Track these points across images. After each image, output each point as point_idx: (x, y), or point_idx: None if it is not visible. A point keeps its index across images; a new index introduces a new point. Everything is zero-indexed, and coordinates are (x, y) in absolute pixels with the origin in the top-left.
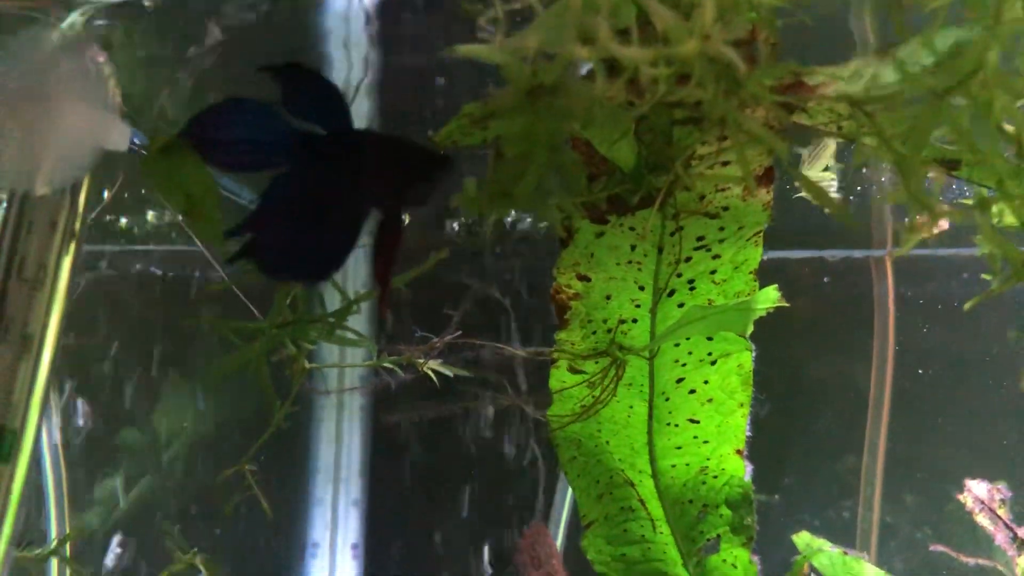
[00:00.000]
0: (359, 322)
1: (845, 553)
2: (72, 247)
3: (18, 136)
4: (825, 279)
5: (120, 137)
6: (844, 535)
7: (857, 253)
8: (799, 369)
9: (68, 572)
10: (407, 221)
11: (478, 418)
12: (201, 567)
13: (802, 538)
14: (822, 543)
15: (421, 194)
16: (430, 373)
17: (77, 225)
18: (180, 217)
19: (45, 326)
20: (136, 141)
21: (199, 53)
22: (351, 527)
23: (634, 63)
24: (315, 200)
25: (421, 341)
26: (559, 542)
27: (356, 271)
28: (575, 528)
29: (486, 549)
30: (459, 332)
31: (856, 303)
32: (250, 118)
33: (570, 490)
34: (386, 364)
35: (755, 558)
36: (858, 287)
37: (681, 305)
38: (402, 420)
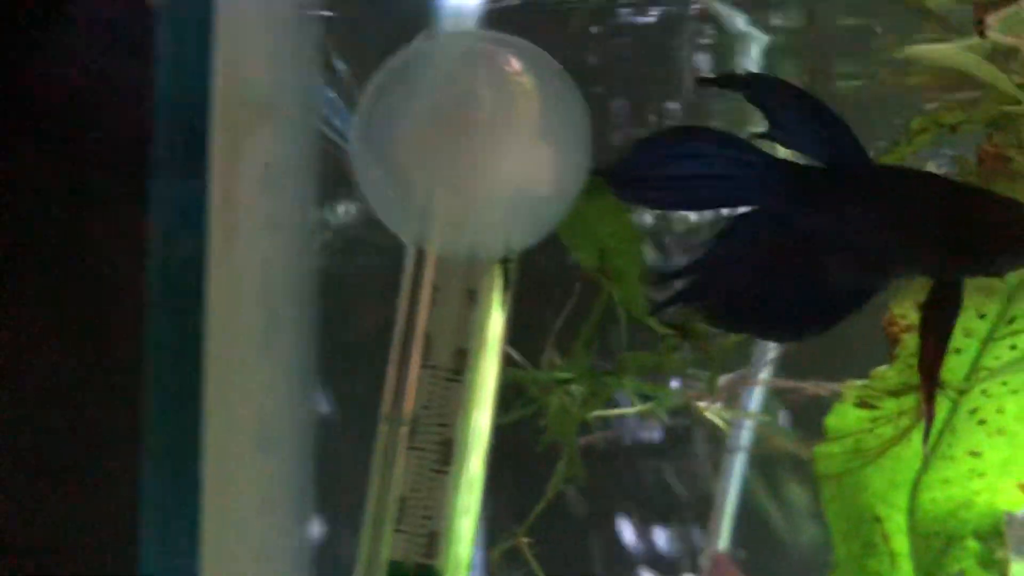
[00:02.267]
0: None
1: None
2: (501, 323)
3: (421, 174)
4: None
5: (568, 179)
6: None
7: None
8: None
9: None
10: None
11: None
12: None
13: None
14: None
15: (1004, 263)
16: (715, 419)
17: (504, 295)
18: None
19: (468, 429)
20: None
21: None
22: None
23: None
24: (804, 245)
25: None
26: None
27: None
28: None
29: None
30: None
31: None
32: (711, 149)
33: (726, 521)
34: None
35: None
36: None
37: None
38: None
